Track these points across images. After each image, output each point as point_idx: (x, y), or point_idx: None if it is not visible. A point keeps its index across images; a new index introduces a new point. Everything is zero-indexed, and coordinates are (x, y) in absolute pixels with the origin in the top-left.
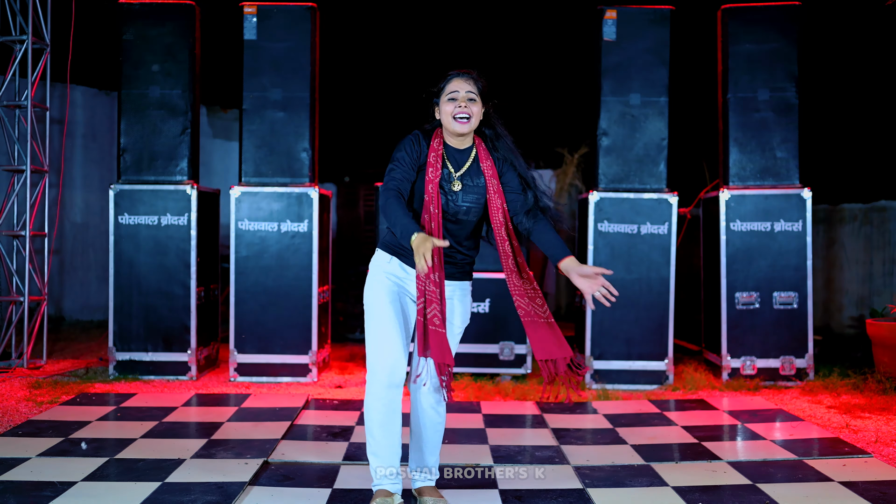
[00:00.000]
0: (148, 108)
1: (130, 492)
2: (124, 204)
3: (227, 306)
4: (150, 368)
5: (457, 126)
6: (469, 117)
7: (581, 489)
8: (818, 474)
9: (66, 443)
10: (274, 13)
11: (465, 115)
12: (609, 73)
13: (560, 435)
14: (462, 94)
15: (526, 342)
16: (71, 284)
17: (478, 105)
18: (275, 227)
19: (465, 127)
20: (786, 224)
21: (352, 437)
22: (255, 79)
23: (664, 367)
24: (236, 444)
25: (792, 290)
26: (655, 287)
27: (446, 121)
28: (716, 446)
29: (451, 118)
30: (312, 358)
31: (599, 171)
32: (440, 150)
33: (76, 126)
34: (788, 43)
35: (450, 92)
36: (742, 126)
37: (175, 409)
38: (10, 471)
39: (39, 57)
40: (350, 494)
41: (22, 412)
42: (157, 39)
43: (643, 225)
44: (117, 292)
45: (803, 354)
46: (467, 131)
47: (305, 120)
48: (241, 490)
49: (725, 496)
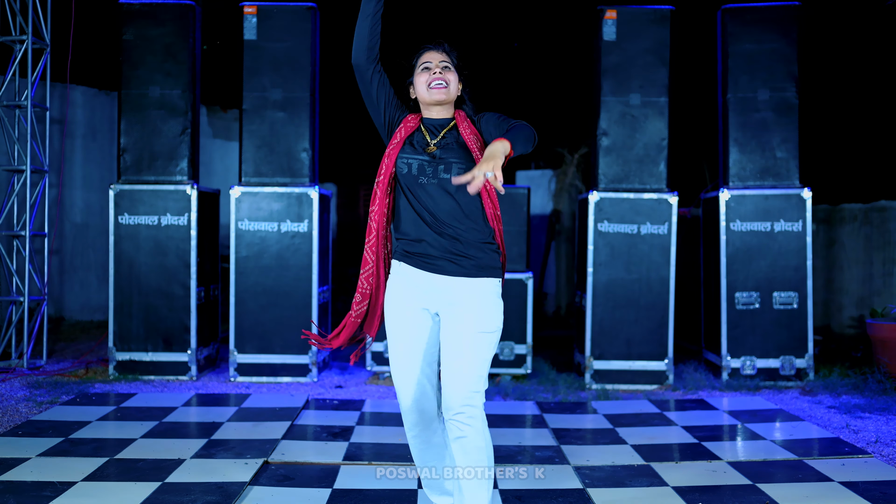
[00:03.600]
0: (148, 108)
1: (130, 492)
2: (124, 204)
3: (227, 306)
4: (150, 368)
5: (434, 94)
6: (446, 84)
7: (581, 489)
8: (818, 474)
9: (66, 443)
10: (274, 13)
11: (441, 80)
12: (609, 73)
13: (560, 435)
14: (435, 64)
15: (526, 342)
16: (71, 284)
17: (453, 73)
18: (275, 227)
19: (441, 93)
20: (786, 224)
21: (352, 437)
22: (255, 79)
23: (664, 367)
24: (236, 444)
25: (792, 290)
26: (655, 287)
27: (421, 91)
28: (716, 446)
29: (427, 87)
30: (312, 358)
31: (599, 171)
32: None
33: (76, 126)
34: (788, 43)
35: (422, 63)
36: (742, 126)
37: (175, 409)
38: (10, 471)
39: (39, 57)
40: (350, 494)
41: (22, 412)
42: (157, 39)
43: (643, 225)
44: (117, 292)
45: (803, 354)
46: (445, 98)
47: (305, 120)
48: (241, 490)
49: (725, 496)
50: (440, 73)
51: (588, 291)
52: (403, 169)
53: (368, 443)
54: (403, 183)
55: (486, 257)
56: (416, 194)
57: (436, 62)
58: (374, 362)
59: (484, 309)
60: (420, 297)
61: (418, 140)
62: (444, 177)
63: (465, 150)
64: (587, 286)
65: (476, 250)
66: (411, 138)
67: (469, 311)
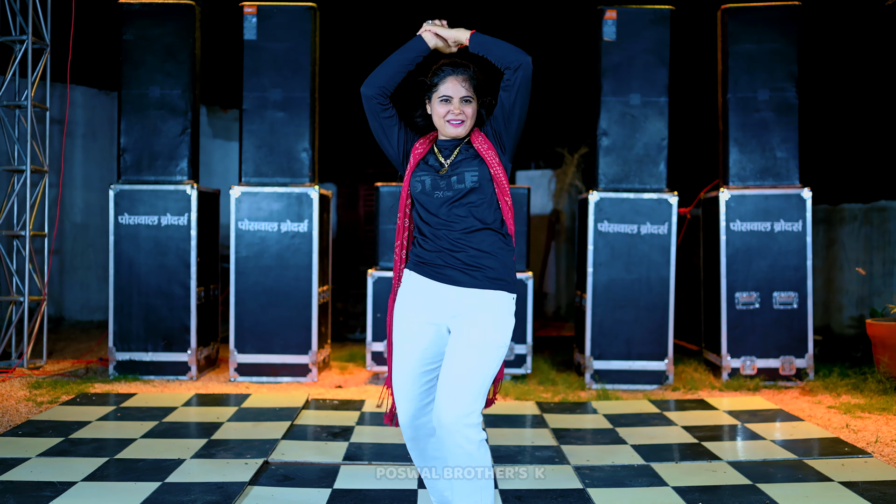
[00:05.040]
0: (148, 108)
1: (130, 492)
2: (124, 204)
3: (227, 306)
4: (150, 368)
5: (450, 130)
6: (464, 121)
7: (581, 489)
8: (818, 474)
9: (66, 443)
10: (274, 13)
11: (460, 119)
12: (609, 73)
13: (560, 435)
14: (456, 101)
15: (526, 342)
16: (71, 284)
17: (473, 106)
18: (275, 227)
19: (459, 130)
20: (786, 224)
21: (352, 437)
22: (255, 79)
23: (664, 367)
24: (236, 444)
25: (792, 290)
26: (655, 287)
27: (439, 123)
28: (716, 446)
29: (445, 122)
30: (312, 358)
31: (599, 171)
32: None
33: (76, 126)
34: (788, 43)
35: (443, 94)
36: (742, 126)
37: (175, 409)
38: (10, 471)
39: (39, 57)
40: (350, 494)
41: (22, 412)
42: (157, 39)
43: (643, 225)
44: (117, 292)
45: (803, 354)
46: (462, 134)
47: (305, 120)
48: (241, 490)
49: (725, 496)
50: (459, 111)
51: (588, 291)
52: (418, 187)
53: (368, 443)
54: (418, 199)
55: (500, 268)
56: (429, 208)
57: (457, 98)
58: (374, 362)
59: (493, 322)
60: (428, 309)
61: (432, 161)
62: (459, 187)
63: (478, 159)
64: (587, 286)
65: (491, 259)
66: (423, 160)
67: (477, 323)
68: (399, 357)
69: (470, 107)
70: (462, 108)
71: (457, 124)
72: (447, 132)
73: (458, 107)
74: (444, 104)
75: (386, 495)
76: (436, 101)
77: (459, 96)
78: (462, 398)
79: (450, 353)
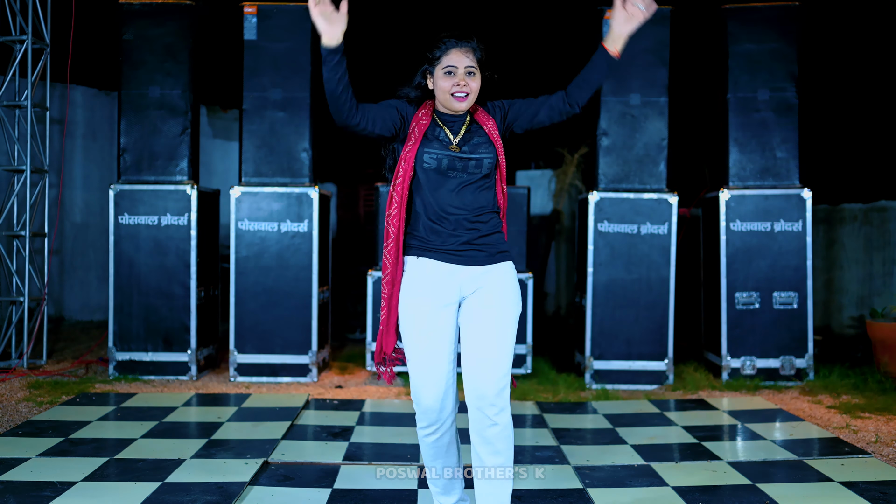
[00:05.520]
0: (148, 108)
1: (130, 492)
2: (124, 204)
3: (227, 306)
4: (150, 368)
5: (455, 104)
6: (469, 93)
7: (581, 489)
8: (818, 474)
9: (66, 443)
10: (274, 13)
11: (465, 91)
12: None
13: (560, 435)
14: (461, 71)
15: (526, 342)
16: (71, 284)
17: (477, 79)
18: (275, 227)
19: (463, 104)
20: (786, 224)
21: (352, 437)
22: (255, 79)
23: (664, 367)
24: (236, 444)
25: (792, 290)
26: (655, 287)
27: (442, 96)
28: (716, 446)
29: (449, 95)
30: (312, 358)
31: (599, 171)
32: (426, 121)
33: (76, 126)
34: (788, 43)
35: (446, 65)
36: (742, 126)
37: (175, 409)
38: (10, 471)
39: (39, 57)
40: (350, 494)
41: (22, 412)
42: (157, 39)
43: (643, 225)
44: (117, 292)
45: (803, 354)
46: (466, 107)
47: (305, 120)
48: (241, 490)
49: (725, 496)
50: (464, 83)
51: (588, 291)
52: (432, 164)
53: (368, 443)
54: (427, 178)
55: (501, 242)
56: (439, 188)
57: (461, 68)
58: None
59: (510, 292)
60: (442, 292)
61: (440, 135)
62: (476, 172)
63: (489, 143)
64: (587, 286)
65: (496, 236)
66: (429, 132)
67: (496, 296)
68: (422, 343)
69: (475, 80)
70: (467, 80)
71: (462, 97)
72: (452, 106)
73: (464, 79)
74: (448, 77)
75: (386, 495)
76: (439, 74)
77: (464, 66)
78: (500, 370)
79: (477, 331)
